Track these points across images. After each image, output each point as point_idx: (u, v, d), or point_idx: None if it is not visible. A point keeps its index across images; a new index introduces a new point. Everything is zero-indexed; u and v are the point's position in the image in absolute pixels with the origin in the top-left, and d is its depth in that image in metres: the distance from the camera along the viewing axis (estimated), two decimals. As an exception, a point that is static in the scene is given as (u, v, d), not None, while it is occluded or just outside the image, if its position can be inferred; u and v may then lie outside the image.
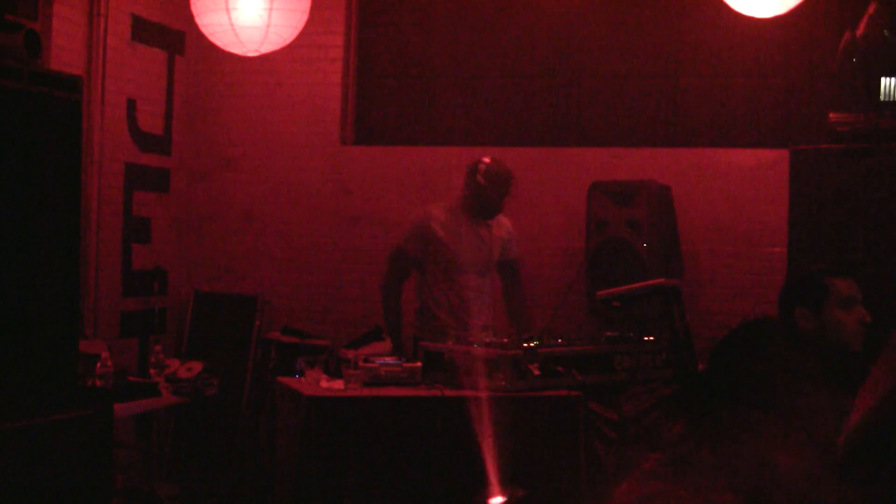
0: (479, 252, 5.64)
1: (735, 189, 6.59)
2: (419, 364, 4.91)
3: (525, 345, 4.75)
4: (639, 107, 7.00)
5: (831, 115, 5.84)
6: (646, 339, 5.06)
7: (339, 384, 4.83)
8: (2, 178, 4.11)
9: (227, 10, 5.62)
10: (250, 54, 5.89)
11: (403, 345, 5.66)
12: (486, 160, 5.64)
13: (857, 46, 5.58)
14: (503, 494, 4.43)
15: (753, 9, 5.28)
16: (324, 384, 4.86)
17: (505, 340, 4.88)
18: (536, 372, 4.69)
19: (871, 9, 5.67)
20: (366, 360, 4.93)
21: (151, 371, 5.73)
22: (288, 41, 5.86)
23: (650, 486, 2.14)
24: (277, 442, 5.15)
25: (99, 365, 5.19)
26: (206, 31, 5.80)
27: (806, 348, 3.32)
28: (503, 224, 5.77)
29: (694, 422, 2.27)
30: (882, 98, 5.64)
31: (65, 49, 6.08)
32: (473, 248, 5.62)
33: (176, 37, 7.06)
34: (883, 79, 5.64)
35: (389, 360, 4.96)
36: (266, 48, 5.81)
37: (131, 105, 6.69)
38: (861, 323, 3.31)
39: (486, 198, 5.60)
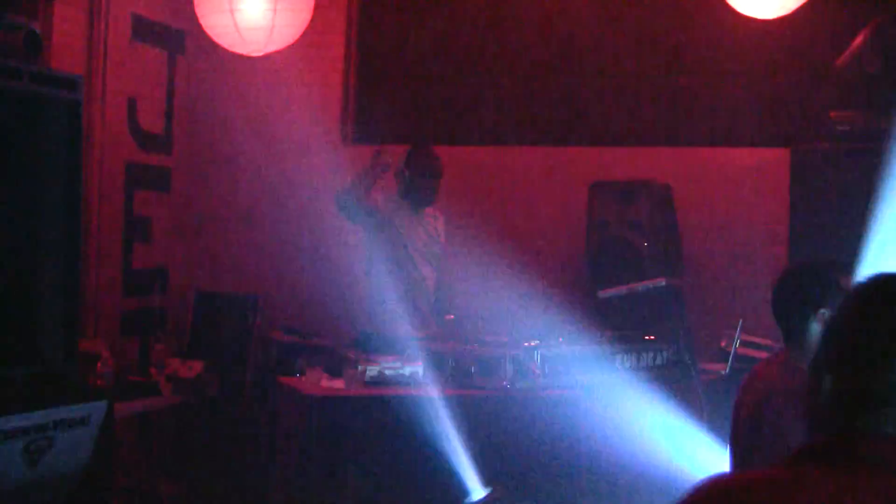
0: (430, 240, 5.70)
1: (736, 188, 6.58)
2: (420, 363, 4.91)
3: (525, 344, 4.75)
4: (639, 106, 6.98)
5: (832, 114, 5.83)
6: (646, 338, 5.06)
7: (339, 383, 4.84)
8: (2, 177, 4.12)
9: (231, 12, 5.63)
10: (255, 54, 5.92)
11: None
12: (409, 150, 5.69)
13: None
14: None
15: (756, 10, 5.28)
16: (324, 383, 4.86)
17: (506, 340, 4.87)
18: (536, 371, 4.69)
19: None
20: (367, 360, 4.93)
21: (152, 370, 5.74)
22: (292, 41, 5.88)
23: None
24: (277, 442, 5.14)
25: (100, 364, 5.20)
26: (210, 32, 5.83)
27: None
28: (437, 214, 5.82)
29: None
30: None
31: (65, 48, 6.07)
32: (424, 236, 5.68)
33: (177, 36, 7.06)
34: None
35: (390, 359, 4.96)
36: (270, 48, 5.86)
37: (132, 104, 6.69)
38: None
39: (414, 187, 5.63)
